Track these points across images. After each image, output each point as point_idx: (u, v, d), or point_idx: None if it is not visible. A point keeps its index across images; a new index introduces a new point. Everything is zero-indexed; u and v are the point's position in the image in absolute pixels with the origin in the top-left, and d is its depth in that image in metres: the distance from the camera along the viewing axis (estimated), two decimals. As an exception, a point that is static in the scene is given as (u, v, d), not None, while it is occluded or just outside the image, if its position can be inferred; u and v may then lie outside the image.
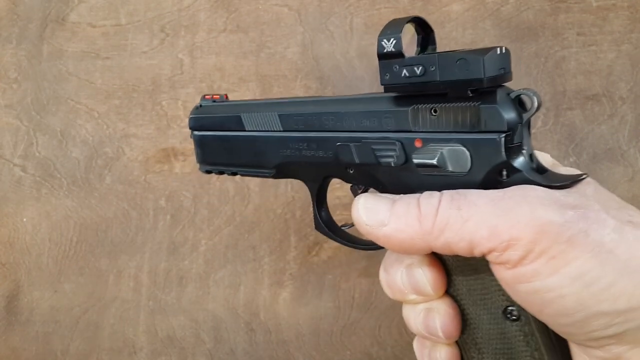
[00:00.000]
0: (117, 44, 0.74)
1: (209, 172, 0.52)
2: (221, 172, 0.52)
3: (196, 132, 0.52)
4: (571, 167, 0.41)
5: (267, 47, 0.72)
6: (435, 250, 0.35)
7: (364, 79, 0.69)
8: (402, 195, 0.37)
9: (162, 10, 0.73)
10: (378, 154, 0.39)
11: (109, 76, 0.75)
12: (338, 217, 0.65)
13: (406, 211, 0.35)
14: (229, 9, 0.72)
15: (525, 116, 0.34)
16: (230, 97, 0.72)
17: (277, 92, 0.71)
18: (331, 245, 0.70)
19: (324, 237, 0.49)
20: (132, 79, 0.74)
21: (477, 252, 0.32)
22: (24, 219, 0.76)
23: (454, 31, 0.68)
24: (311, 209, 0.49)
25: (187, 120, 0.72)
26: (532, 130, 0.67)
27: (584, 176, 0.34)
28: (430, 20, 0.72)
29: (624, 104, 0.66)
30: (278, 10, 0.71)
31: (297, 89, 0.71)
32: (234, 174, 0.51)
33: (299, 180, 0.48)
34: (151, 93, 0.74)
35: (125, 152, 0.74)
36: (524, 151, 0.34)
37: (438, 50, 0.40)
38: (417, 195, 0.35)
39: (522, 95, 0.34)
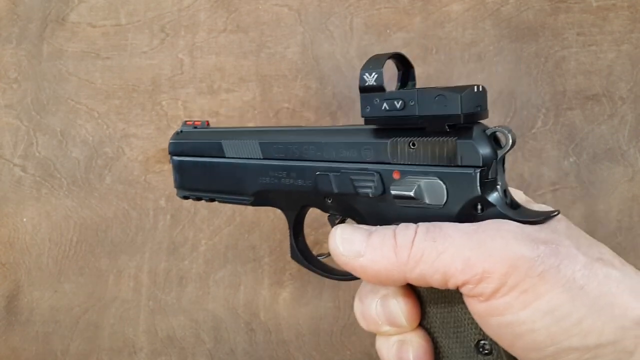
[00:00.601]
0: (117, 44, 0.74)
1: (186, 197, 0.53)
2: (199, 198, 0.52)
3: (175, 157, 0.52)
4: (571, 167, 0.41)
5: (267, 47, 0.72)
6: (410, 282, 0.35)
7: (364, 79, 0.69)
8: (378, 226, 0.37)
9: (162, 10, 0.73)
10: (356, 184, 0.40)
11: (109, 76, 0.75)
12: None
13: (382, 242, 0.35)
14: (229, 9, 0.72)
15: (500, 152, 0.35)
16: (230, 97, 0.72)
17: (277, 92, 0.71)
18: None
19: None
20: (132, 79, 0.74)
21: (451, 285, 0.33)
22: (24, 219, 0.76)
23: (454, 31, 0.68)
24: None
25: (185, 121, 0.72)
26: (533, 131, 0.67)
27: (555, 213, 0.35)
28: (430, 20, 0.73)
29: (624, 104, 0.66)
30: (278, 10, 0.71)
31: (297, 89, 0.71)
32: (212, 200, 0.51)
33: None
34: (151, 93, 0.74)
35: (125, 152, 0.75)
36: (498, 186, 0.35)
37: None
38: (393, 227, 0.36)
39: (497, 133, 0.36)
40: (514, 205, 0.36)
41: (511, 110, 0.67)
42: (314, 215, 0.52)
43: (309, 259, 0.48)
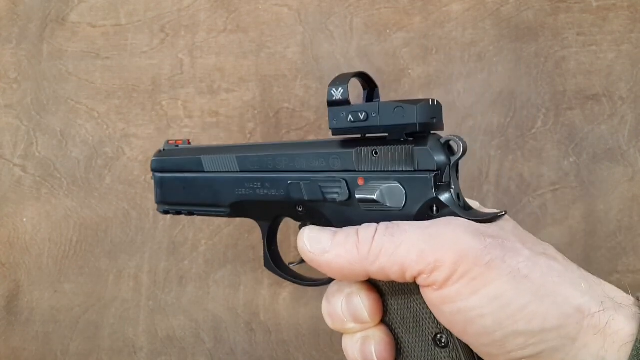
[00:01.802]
0: (117, 44, 0.74)
1: (166, 212, 0.56)
2: (178, 213, 0.55)
3: (157, 174, 0.55)
4: (571, 167, 0.43)
5: (267, 47, 0.72)
6: (371, 276, 0.38)
7: (364, 79, 0.69)
8: (343, 227, 0.41)
9: (162, 10, 0.73)
10: (325, 190, 0.44)
11: (109, 76, 0.75)
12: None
13: (346, 239, 0.39)
14: (229, 9, 0.72)
15: (453, 159, 0.39)
16: (230, 97, 0.72)
17: (277, 92, 0.71)
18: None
19: (304, 260, 0.51)
20: (132, 79, 0.74)
21: (409, 276, 0.36)
22: (24, 219, 0.76)
23: (454, 31, 0.68)
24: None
25: (188, 122, 0.72)
26: (533, 131, 0.67)
27: (502, 213, 0.38)
28: (430, 20, 0.73)
29: (624, 104, 0.66)
30: (278, 10, 0.71)
31: (297, 89, 0.71)
32: (191, 213, 0.54)
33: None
34: (151, 93, 0.74)
35: (125, 152, 0.75)
36: (451, 190, 0.39)
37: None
38: (356, 226, 0.39)
39: (450, 141, 0.39)
40: (466, 207, 0.40)
41: (511, 110, 0.67)
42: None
43: (281, 267, 0.52)
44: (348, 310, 0.41)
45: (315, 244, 0.40)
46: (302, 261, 0.50)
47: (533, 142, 0.67)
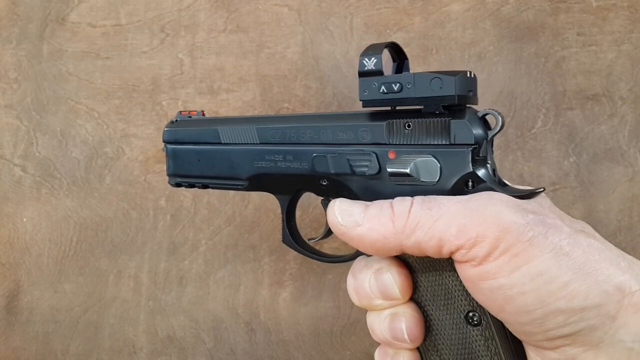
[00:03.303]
0: (117, 44, 0.74)
1: (178, 184, 0.54)
2: (192, 185, 0.53)
3: (170, 145, 0.53)
4: (571, 167, 0.43)
5: (267, 47, 0.72)
6: (405, 251, 0.37)
7: (364, 79, 0.69)
8: (374, 200, 0.39)
9: (162, 10, 0.73)
10: (353, 164, 0.42)
11: (109, 76, 0.75)
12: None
13: (380, 212, 0.38)
14: (229, 9, 0.72)
15: (490, 133, 0.38)
16: (230, 97, 0.72)
17: (277, 92, 0.71)
18: (331, 245, 0.70)
19: (325, 236, 0.50)
20: (132, 79, 0.74)
21: (446, 251, 0.35)
22: (24, 219, 0.76)
23: (454, 31, 0.68)
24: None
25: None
26: (533, 131, 0.67)
27: (541, 189, 0.37)
28: (430, 20, 0.73)
29: (624, 104, 0.66)
30: (278, 10, 0.71)
31: (297, 89, 0.71)
32: (205, 186, 0.53)
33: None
34: (151, 93, 0.74)
35: (125, 152, 0.75)
36: (488, 165, 0.38)
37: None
38: (389, 200, 0.38)
39: (488, 115, 0.38)
40: (502, 183, 0.39)
41: (511, 110, 0.67)
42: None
43: (300, 243, 0.50)
44: (377, 286, 0.40)
45: (347, 216, 0.39)
46: (324, 237, 0.49)
47: (533, 142, 0.67)
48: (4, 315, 0.77)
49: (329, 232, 0.48)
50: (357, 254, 0.43)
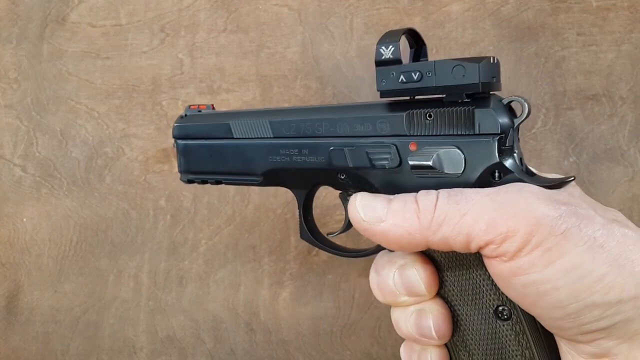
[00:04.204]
0: (117, 44, 0.74)
1: (191, 181, 0.52)
2: (204, 182, 0.52)
3: (180, 141, 0.52)
4: (571, 167, 0.42)
5: (267, 47, 0.72)
6: (432, 246, 0.35)
7: (364, 79, 0.69)
8: (397, 194, 0.38)
9: (162, 10, 0.73)
10: (372, 157, 0.41)
11: (109, 76, 0.75)
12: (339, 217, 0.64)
13: (404, 207, 0.36)
14: (229, 9, 0.72)
15: (517, 121, 0.36)
16: (230, 97, 0.72)
17: (277, 92, 0.71)
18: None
19: (344, 230, 0.49)
20: (132, 79, 0.74)
21: (474, 246, 0.33)
22: (24, 219, 0.76)
23: (454, 31, 0.68)
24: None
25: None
26: (533, 131, 0.67)
27: (571, 178, 0.35)
28: (430, 20, 0.73)
29: (624, 104, 0.66)
30: (278, 10, 0.71)
31: (297, 89, 0.71)
32: (218, 182, 0.51)
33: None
34: (151, 93, 0.74)
35: (125, 152, 0.74)
36: (515, 154, 0.36)
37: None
38: (412, 193, 0.36)
39: (513, 102, 0.37)
40: (529, 172, 0.37)
41: (511, 110, 0.67)
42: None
43: (319, 238, 0.48)
44: (402, 282, 0.38)
45: (369, 212, 0.37)
46: (343, 231, 0.47)
47: (533, 142, 0.67)
48: (4, 315, 0.77)
49: (348, 226, 0.46)
50: (379, 248, 0.42)
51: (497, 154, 0.36)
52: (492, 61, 0.37)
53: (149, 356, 0.75)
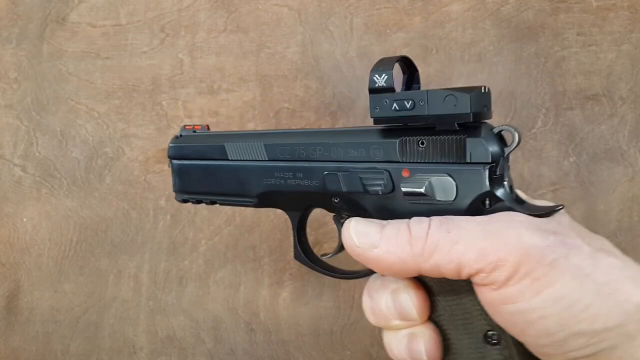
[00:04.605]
0: (117, 44, 0.74)
1: (185, 200, 0.53)
2: (199, 201, 0.52)
3: (175, 161, 0.52)
4: (571, 167, 0.42)
5: (267, 47, 0.72)
6: (423, 273, 0.36)
7: (364, 79, 0.69)
8: (390, 220, 0.38)
9: (162, 10, 0.73)
10: (366, 182, 0.41)
11: (109, 76, 0.75)
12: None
13: (397, 234, 0.36)
14: (229, 9, 0.72)
15: (507, 150, 0.37)
16: (230, 97, 0.72)
17: (277, 92, 0.71)
18: (331, 245, 0.70)
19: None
20: (132, 79, 0.74)
21: (465, 274, 0.34)
22: (24, 219, 0.76)
23: (454, 31, 0.68)
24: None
25: (188, 122, 0.72)
26: (533, 131, 0.67)
27: (560, 207, 0.36)
28: (430, 20, 0.73)
29: (624, 104, 0.66)
30: (278, 10, 0.71)
31: (297, 89, 0.71)
32: (213, 202, 0.51)
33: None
34: (151, 93, 0.74)
35: (125, 152, 0.74)
36: (505, 182, 0.37)
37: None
38: (405, 220, 0.37)
39: (503, 131, 0.37)
40: (519, 200, 0.38)
41: (511, 110, 0.67)
42: (314, 216, 0.52)
43: (313, 259, 0.49)
44: (394, 307, 0.39)
45: (363, 238, 0.38)
46: (337, 252, 0.48)
47: (533, 142, 0.67)
48: (4, 315, 0.77)
49: (342, 248, 0.46)
50: (372, 270, 0.42)
51: (487, 183, 0.36)
52: (483, 91, 0.37)
53: (149, 356, 0.75)
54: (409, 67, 0.42)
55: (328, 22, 0.70)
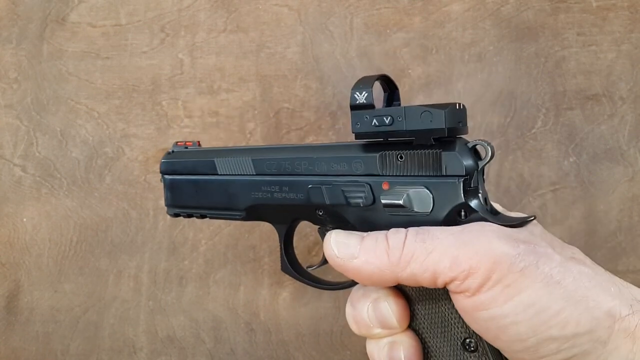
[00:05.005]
0: (117, 44, 0.74)
1: (177, 215, 0.55)
2: (190, 215, 0.54)
3: (167, 176, 0.54)
4: (571, 167, 0.43)
5: (267, 47, 0.72)
6: (401, 282, 0.37)
7: (364, 79, 0.69)
8: (370, 232, 0.40)
9: (162, 10, 0.73)
10: (348, 195, 0.43)
11: (109, 76, 0.75)
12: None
13: (375, 245, 0.38)
14: (229, 9, 0.72)
15: (481, 163, 0.38)
16: (230, 97, 0.72)
17: (277, 92, 0.71)
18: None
19: (323, 263, 0.50)
20: (132, 79, 0.74)
21: (440, 282, 0.35)
22: (24, 219, 0.76)
23: (454, 31, 0.68)
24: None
25: (188, 122, 0.72)
26: (533, 131, 0.67)
27: (532, 218, 0.38)
28: (430, 20, 0.73)
29: (624, 104, 0.66)
30: (278, 10, 0.71)
31: (297, 89, 0.71)
32: (203, 216, 0.53)
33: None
34: (151, 93, 0.74)
35: (125, 152, 0.75)
36: (479, 194, 0.39)
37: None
38: (384, 231, 0.39)
39: (477, 145, 0.39)
40: (493, 211, 0.39)
41: (511, 110, 0.67)
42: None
43: (299, 270, 0.51)
44: (375, 316, 0.41)
45: (343, 249, 0.40)
46: (322, 264, 0.50)
47: (533, 142, 0.67)
48: (4, 315, 0.77)
49: (327, 260, 0.49)
50: (355, 282, 0.44)
51: (462, 195, 0.38)
52: (457, 107, 0.39)
53: (149, 356, 0.75)
54: (389, 85, 0.44)
55: (328, 22, 0.70)
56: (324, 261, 0.49)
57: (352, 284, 0.45)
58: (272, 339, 0.73)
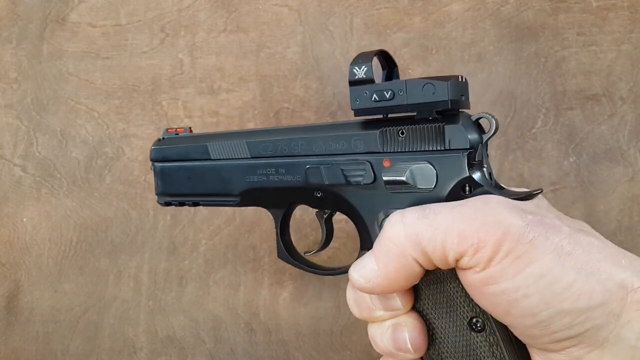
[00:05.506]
0: (117, 44, 0.74)
1: (168, 203, 0.53)
2: (181, 204, 0.52)
3: (157, 164, 0.52)
4: (571, 167, 0.43)
5: (267, 47, 0.72)
6: (424, 266, 0.36)
7: (364, 79, 0.69)
8: (375, 244, 0.38)
9: (162, 10, 0.73)
10: (347, 174, 0.42)
11: (109, 76, 0.75)
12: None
13: (379, 244, 0.37)
14: (229, 9, 0.72)
15: (485, 137, 0.38)
16: (230, 97, 0.72)
17: (277, 92, 0.71)
18: (332, 246, 0.69)
19: (321, 249, 0.50)
20: (132, 79, 0.74)
21: (452, 259, 0.34)
22: (24, 219, 0.76)
23: (454, 31, 0.68)
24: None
25: (188, 122, 0.72)
26: (533, 131, 0.67)
27: (538, 191, 0.37)
28: (430, 20, 0.73)
29: (624, 104, 0.66)
30: (278, 10, 0.71)
31: (297, 89, 0.71)
32: (196, 204, 0.52)
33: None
34: (151, 93, 0.74)
35: (125, 152, 0.74)
36: (484, 168, 0.38)
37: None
38: (383, 234, 0.37)
39: (481, 119, 0.38)
40: (498, 186, 0.39)
41: (511, 110, 0.67)
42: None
43: (296, 257, 0.50)
44: (378, 297, 0.39)
45: (363, 271, 0.38)
46: (319, 250, 0.49)
47: (533, 142, 0.67)
48: (4, 315, 0.77)
49: (324, 245, 0.48)
50: None
51: (467, 168, 0.37)
52: (460, 80, 0.38)
53: (149, 356, 0.75)
54: (387, 62, 0.43)
55: (328, 22, 0.70)
56: (322, 246, 0.49)
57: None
58: (272, 339, 0.73)
